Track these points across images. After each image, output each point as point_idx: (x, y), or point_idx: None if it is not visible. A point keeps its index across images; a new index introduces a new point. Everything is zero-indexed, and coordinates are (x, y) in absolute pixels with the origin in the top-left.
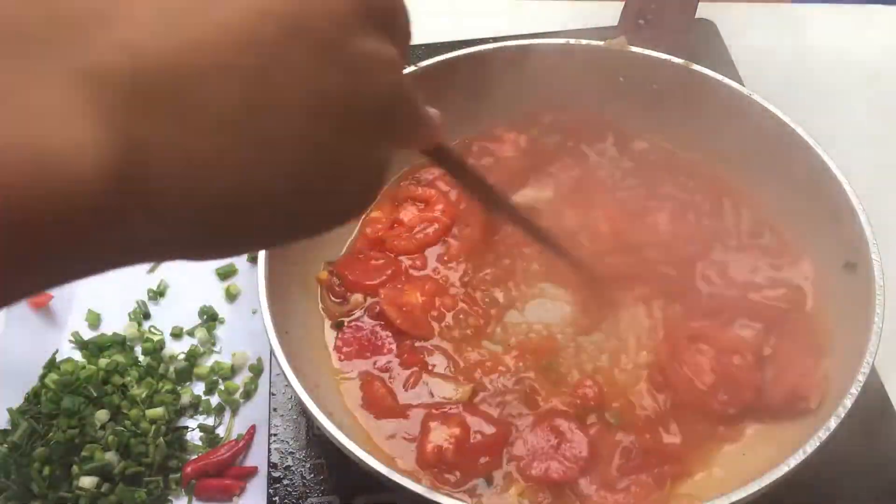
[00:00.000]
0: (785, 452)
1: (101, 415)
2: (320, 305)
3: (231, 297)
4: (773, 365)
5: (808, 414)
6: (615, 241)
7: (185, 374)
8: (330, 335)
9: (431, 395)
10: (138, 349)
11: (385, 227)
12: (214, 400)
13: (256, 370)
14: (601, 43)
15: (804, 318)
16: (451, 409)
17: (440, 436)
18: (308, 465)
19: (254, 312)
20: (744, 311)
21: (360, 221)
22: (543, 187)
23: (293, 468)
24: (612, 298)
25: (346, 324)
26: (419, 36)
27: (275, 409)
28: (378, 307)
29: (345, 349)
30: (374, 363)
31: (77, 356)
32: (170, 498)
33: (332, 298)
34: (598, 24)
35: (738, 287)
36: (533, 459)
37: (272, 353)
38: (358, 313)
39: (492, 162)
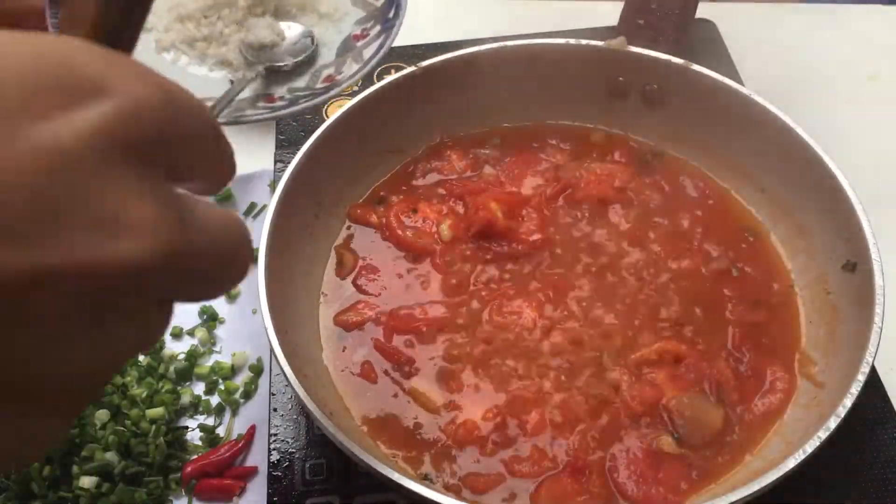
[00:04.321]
0: (785, 452)
1: (101, 415)
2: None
3: (231, 297)
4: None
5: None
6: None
7: (185, 374)
8: (330, 334)
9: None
10: None
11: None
12: (214, 400)
13: (256, 370)
14: (601, 43)
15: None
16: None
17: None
18: (308, 465)
19: (254, 312)
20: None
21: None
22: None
23: (293, 468)
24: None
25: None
26: (420, 37)
27: (275, 409)
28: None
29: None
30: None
31: None
32: (170, 498)
33: None
34: (598, 24)
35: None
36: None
37: (272, 353)
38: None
39: (441, 177)
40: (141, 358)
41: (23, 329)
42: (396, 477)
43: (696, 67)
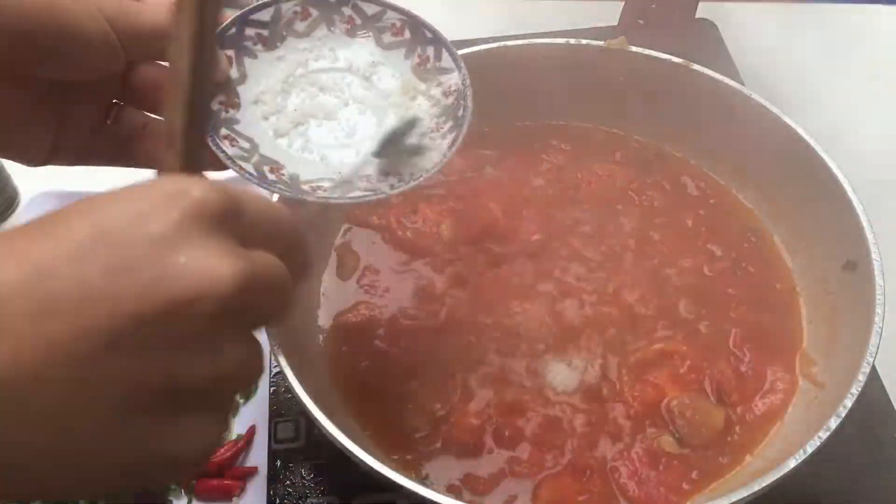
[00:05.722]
0: (785, 452)
1: None
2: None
3: None
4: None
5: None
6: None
7: None
8: (330, 335)
9: None
10: None
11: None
12: None
13: None
14: (601, 43)
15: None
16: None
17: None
18: (308, 465)
19: None
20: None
21: None
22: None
23: (293, 468)
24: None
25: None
26: None
27: (275, 409)
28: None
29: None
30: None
31: None
32: (170, 498)
33: None
34: (598, 24)
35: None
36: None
37: (272, 353)
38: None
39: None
40: None
41: (178, 346)
42: (396, 477)
43: (696, 67)
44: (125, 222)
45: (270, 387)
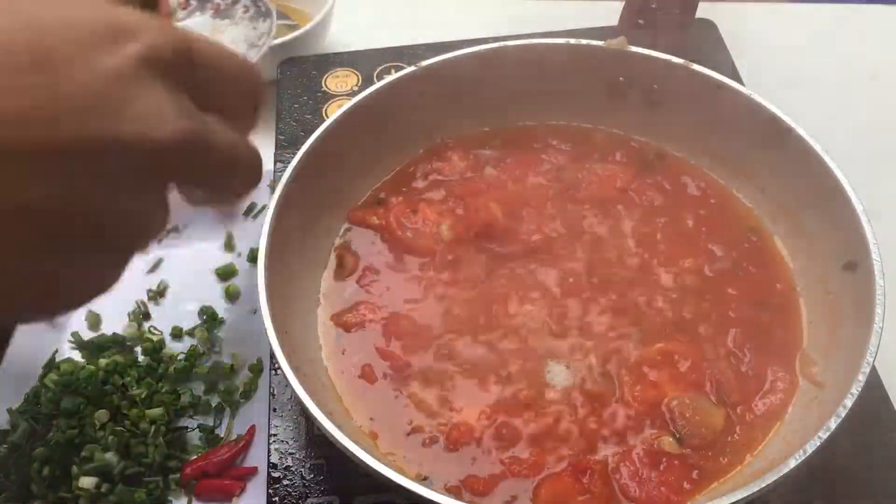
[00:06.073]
0: (785, 452)
1: (101, 415)
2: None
3: (231, 297)
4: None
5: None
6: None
7: (185, 374)
8: (329, 335)
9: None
10: (138, 349)
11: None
12: (214, 400)
13: (256, 370)
14: (601, 43)
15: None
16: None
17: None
18: (308, 465)
19: (254, 312)
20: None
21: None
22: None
23: (293, 468)
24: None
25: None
26: (420, 36)
27: (275, 409)
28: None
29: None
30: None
31: (77, 356)
32: (170, 498)
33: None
34: (598, 24)
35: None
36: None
37: (272, 353)
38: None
39: (441, 178)
40: (140, 358)
41: (101, 182)
42: (396, 477)
43: (696, 67)
44: (76, 44)
45: (270, 387)
